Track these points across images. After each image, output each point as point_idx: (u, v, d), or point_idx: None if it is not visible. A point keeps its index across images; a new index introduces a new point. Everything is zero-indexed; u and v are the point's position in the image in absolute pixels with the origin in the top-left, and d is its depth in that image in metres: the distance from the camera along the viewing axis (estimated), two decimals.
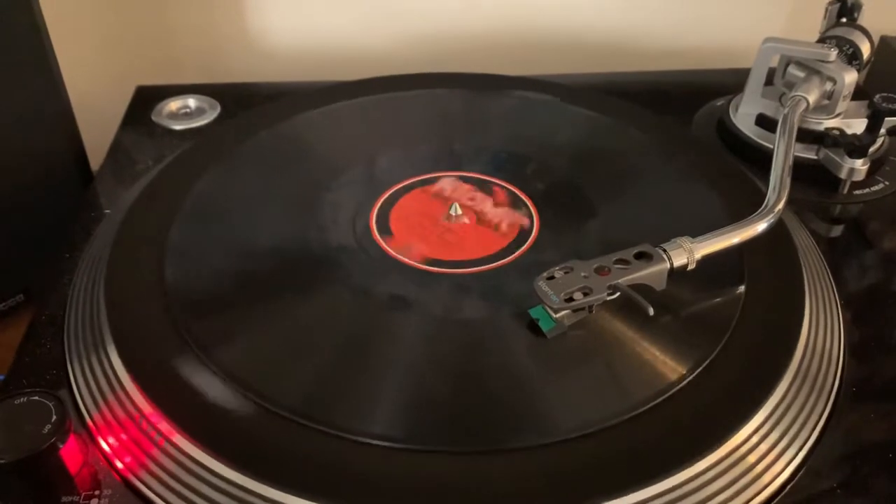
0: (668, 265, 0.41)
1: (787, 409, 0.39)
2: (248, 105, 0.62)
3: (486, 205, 0.51)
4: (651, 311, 0.38)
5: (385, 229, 0.48)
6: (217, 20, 0.74)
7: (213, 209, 0.50)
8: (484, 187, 0.52)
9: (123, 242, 0.46)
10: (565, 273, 0.40)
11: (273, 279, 0.45)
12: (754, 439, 0.37)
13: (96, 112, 0.63)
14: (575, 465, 0.35)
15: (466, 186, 0.52)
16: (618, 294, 0.40)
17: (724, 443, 0.36)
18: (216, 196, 0.51)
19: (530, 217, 0.50)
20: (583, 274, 0.40)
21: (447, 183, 0.52)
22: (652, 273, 0.40)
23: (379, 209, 0.50)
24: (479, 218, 0.49)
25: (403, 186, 0.52)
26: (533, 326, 0.41)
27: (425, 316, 0.43)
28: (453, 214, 0.49)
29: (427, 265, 0.46)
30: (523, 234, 0.48)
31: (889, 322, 0.46)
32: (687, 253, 0.41)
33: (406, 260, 0.46)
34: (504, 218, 0.49)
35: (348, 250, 0.47)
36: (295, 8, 0.74)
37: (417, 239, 0.48)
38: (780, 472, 0.37)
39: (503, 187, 0.52)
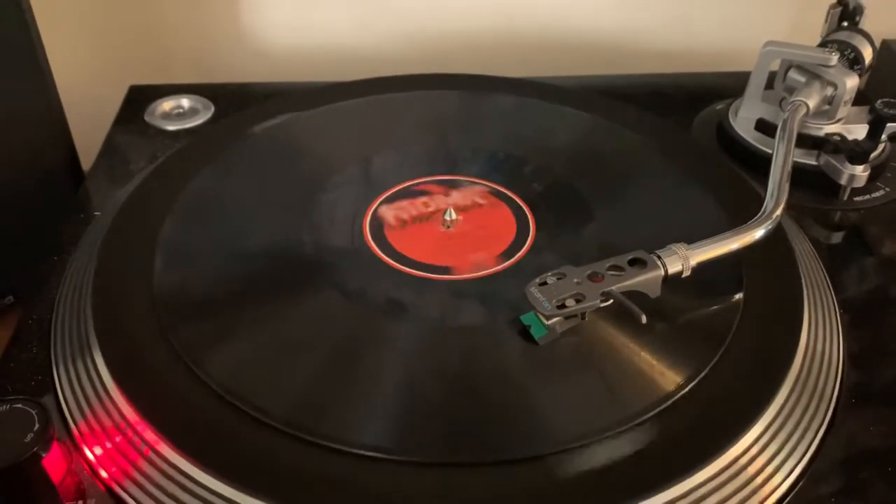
0: (663, 272, 0.40)
1: (786, 419, 0.38)
2: (242, 105, 0.62)
3: (481, 208, 0.50)
4: (644, 319, 0.37)
5: (379, 233, 0.48)
6: (211, 19, 0.74)
7: (203, 212, 0.49)
8: (479, 190, 0.51)
9: (112, 246, 0.46)
10: (558, 279, 0.39)
11: (264, 284, 0.44)
12: (754, 450, 0.37)
13: (88, 112, 0.63)
14: (570, 476, 0.35)
15: (463, 190, 0.51)
16: (611, 301, 0.39)
17: (723, 453, 0.36)
18: (207, 199, 0.50)
19: (526, 221, 0.49)
20: (575, 280, 0.39)
21: (443, 186, 0.52)
22: (646, 280, 0.40)
23: (373, 212, 0.49)
24: (475, 222, 0.49)
25: (399, 189, 0.51)
26: (525, 333, 0.40)
27: (418, 322, 0.42)
28: (448, 219, 0.48)
29: (421, 270, 0.45)
30: (519, 238, 0.48)
31: (889, 329, 0.46)
32: (682, 259, 0.41)
33: (399, 265, 0.46)
34: (500, 222, 0.49)
35: (341, 254, 0.46)
36: (289, 8, 0.74)
37: (412, 243, 0.47)
38: (781, 482, 0.37)
39: (499, 191, 0.51)
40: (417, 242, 0.47)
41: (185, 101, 0.64)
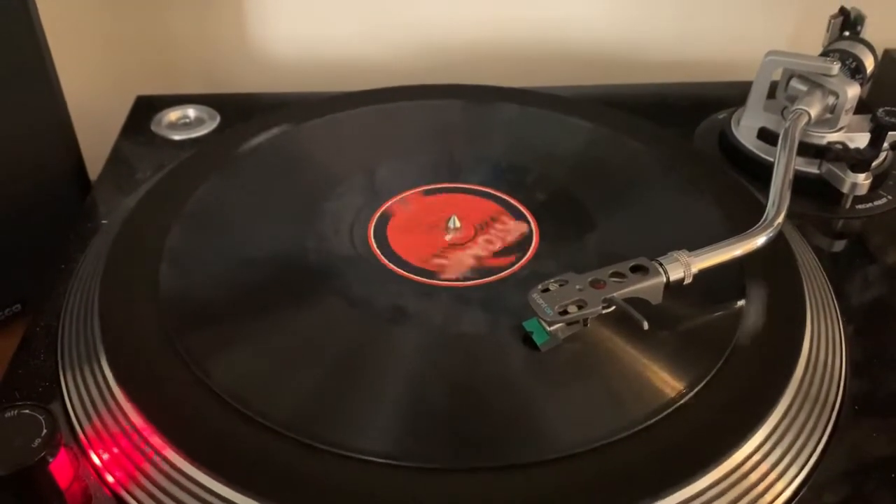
0: (665, 279, 0.40)
1: (788, 426, 0.38)
2: (248, 115, 0.62)
3: (485, 217, 0.50)
4: (645, 326, 0.37)
5: (383, 240, 0.48)
6: (217, 30, 0.74)
7: (209, 220, 0.49)
8: (484, 199, 0.52)
9: (119, 253, 0.46)
10: (560, 286, 0.40)
11: (269, 291, 0.45)
12: (756, 457, 0.37)
13: (96, 122, 0.63)
14: (572, 483, 0.35)
15: (466, 198, 0.52)
16: (613, 308, 0.39)
17: (725, 461, 0.36)
18: (213, 207, 0.50)
19: (530, 229, 0.49)
20: (578, 287, 0.40)
21: (446, 195, 0.52)
22: (648, 287, 0.40)
23: (377, 220, 0.50)
24: (478, 230, 0.49)
25: (403, 197, 0.52)
26: (528, 339, 0.40)
27: (422, 329, 0.42)
28: (451, 227, 0.49)
29: (424, 277, 0.45)
30: (522, 246, 0.48)
31: (892, 337, 0.46)
32: (683, 266, 0.41)
33: (403, 272, 0.46)
34: (503, 230, 0.49)
35: (346, 262, 0.47)
36: (295, 18, 0.74)
37: (415, 250, 0.47)
38: (783, 490, 0.37)
39: (502, 199, 0.52)
40: (421, 249, 0.47)
41: (192, 112, 0.65)
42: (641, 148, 0.56)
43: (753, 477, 0.36)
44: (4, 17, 0.50)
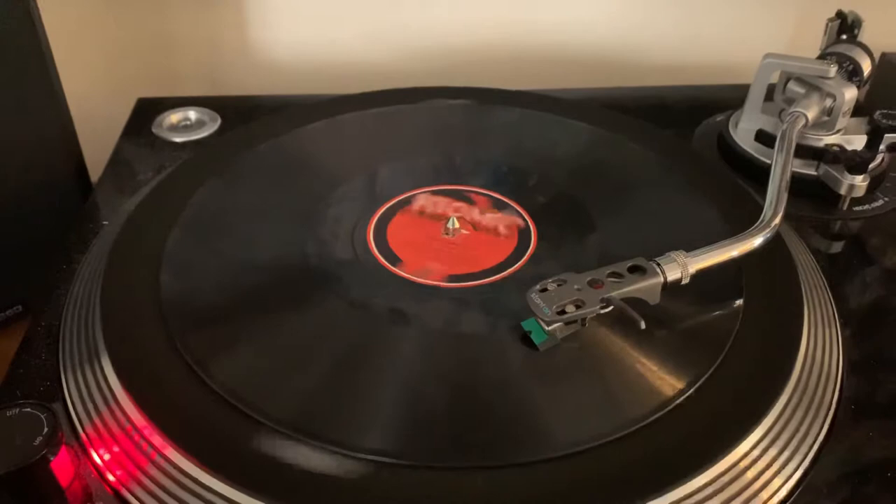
0: (662, 279, 0.41)
1: (785, 425, 0.39)
2: (248, 118, 0.63)
3: (484, 218, 0.51)
4: (642, 325, 0.38)
5: (383, 243, 0.48)
6: (218, 33, 0.74)
7: (210, 222, 0.50)
8: (483, 201, 0.52)
9: (120, 254, 0.46)
10: (558, 286, 0.40)
11: (270, 292, 0.45)
12: (753, 456, 0.37)
13: (97, 124, 0.63)
14: (571, 481, 0.35)
15: (464, 201, 0.52)
16: (611, 307, 0.39)
17: (722, 459, 0.36)
18: (214, 208, 0.51)
19: (529, 230, 0.50)
20: (576, 287, 0.40)
21: (446, 197, 0.52)
22: (645, 287, 0.40)
23: (377, 222, 0.50)
24: (478, 231, 0.49)
25: (403, 199, 0.52)
26: (526, 339, 0.41)
27: (422, 330, 0.43)
28: (451, 228, 0.49)
29: (424, 279, 0.46)
30: (522, 247, 0.48)
31: (888, 339, 0.46)
32: (681, 267, 0.41)
33: (403, 274, 0.46)
34: (502, 232, 0.49)
35: (346, 264, 0.47)
36: (296, 21, 0.75)
37: (415, 252, 0.48)
38: (779, 488, 0.37)
39: (503, 201, 0.52)
40: (421, 251, 0.48)
41: (193, 114, 0.65)
42: (640, 150, 0.57)
43: (750, 475, 0.36)
44: (7, 20, 0.50)
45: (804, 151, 0.55)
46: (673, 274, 0.41)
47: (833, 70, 0.55)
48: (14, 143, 0.53)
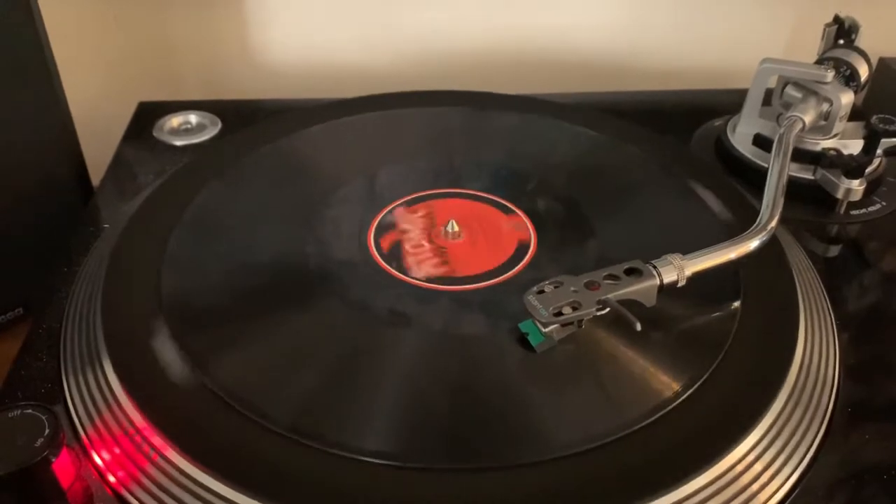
0: (658, 281, 0.41)
1: (781, 429, 0.39)
2: (249, 121, 0.63)
3: (483, 221, 0.51)
4: (638, 327, 0.38)
5: (383, 245, 0.49)
6: (219, 37, 0.75)
7: (211, 224, 0.50)
8: (483, 205, 0.52)
9: (121, 256, 0.47)
10: (555, 287, 0.40)
11: (270, 295, 0.45)
12: (749, 458, 0.37)
13: (98, 127, 0.64)
14: (568, 483, 0.35)
15: (465, 203, 0.52)
16: (607, 309, 0.40)
17: (718, 461, 0.36)
18: (214, 211, 0.51)
19: (528, 234, 0.50)
20: (572, 289, 0.40)
21: (446, 200, 0.53)
22: (641, 289, 0.40)
23: (377, 225, 0.50)
24: (477, 234, 0.50)
25: (402, 202, 0.52)
26: (523, 341, 0.41)
27: (421, 332, 0.43)
28: (450, 231, 0.49)
29: (424, 281, 0.46)
30: (521, 251, 0.49)
31: (885, 343, 0.46)
32: (677, 269, 0.41)
33: (403, 276, 0.46)
34: (502, 235, 0.50)
35: (346, 266, 0.47)
36: (296, 25, 0.75)
37: (415, 255, 0.48)
38: (776, 491, 0.37)
39: (502, 204, 0.52)
40: (420, 254, 0.48)
41: (193, 117, 0.65)
42: (639, 154, 0.57)
43: (746, 478, 0.37)
44: (8, 24, 0.50)
45: (801, 155, 0.56)
46: (669, 276, 0.41)
47: (830, 75, 0.56)
48: (16, 146, 0.53)
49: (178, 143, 0.62)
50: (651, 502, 0.35)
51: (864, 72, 0.58)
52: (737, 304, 0.44)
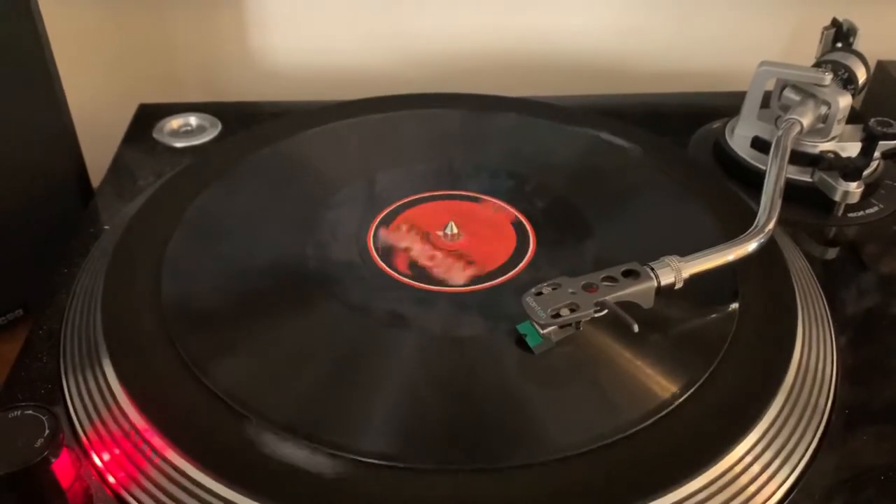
0: (656, 283, 0.41)
1: (779, 431, 0.39)
2: (249, 123, 0.63)
3: (482, 223, 0.51)
4: (636, 328, 0.38)
5: (382, 247, 0.49)
6: (219, 39, 0.75)
7: (211, 226, 0.50)
8: (482, 207, 0.52)
9: (121, 258, 0.47)
10: (553, 289, 0.40)
11: (270, 296, 0.45)
12: (747, 460, 0.37)
13: (98, 129, 0.64)
14: (564, 485, 0.35)
15: (464, 205, 0.52)
16: (605, 311, 0.40)
17: (716, 463, 0.36)
18: (214, 213, 0.51)
19: (526, 235, 0.50)
20: (570, 290, 0.40)
21: (445, 202, 0.53)
22: (639, 291, 0.41)
23: (377, 227, 0.50)
24: (476, 236, 0.50)
25: (401, 205, 0.52)
26: (522, 342, 0.41)
27: (420, 334, 0.43)
28: (449, 233, 0.49)
29: (423, 283, 0.46)
30: (519, 252, 0.49)
31: (882, 345, 0.46)
32: (675, 272, 0.41)
33: (402, 278, 0.46)
34: (500, 237, 0.50)
35: (346, 268, 0.47)
36: (296, 27, 0.75)
37: (414, 257, 0.48)
38: (773, 493, 0.37)
39: (500, 206, 0.52)
40: (419, 255, 0.48)
41: (193, 119, 0.65)
42: (637, 156, 0.57)
43: (744, 480, 0.37)
44: (9, 26, 0.50)
45: (799, 158, 0.56)
46: (666, 278, 0.41)
47: (828, 78, 0.56)
48: (16, 148, 0.53)
49: (178, 144, 0.63)
50: (650, 503, 0.35)
51: (862, 75, 0.58)
52: (734, 306, 0.44)
